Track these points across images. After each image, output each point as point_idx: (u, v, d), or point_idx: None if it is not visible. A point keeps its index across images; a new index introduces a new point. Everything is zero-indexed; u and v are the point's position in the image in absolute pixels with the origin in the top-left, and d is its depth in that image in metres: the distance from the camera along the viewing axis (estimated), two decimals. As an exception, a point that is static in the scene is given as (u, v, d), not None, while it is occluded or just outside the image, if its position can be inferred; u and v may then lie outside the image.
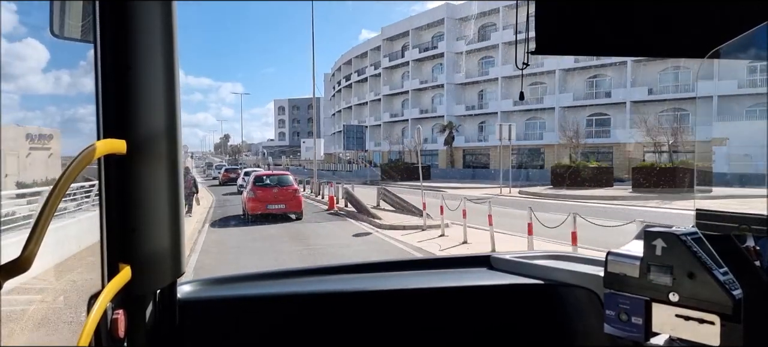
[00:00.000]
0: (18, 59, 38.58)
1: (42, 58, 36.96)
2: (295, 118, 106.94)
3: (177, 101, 1.05)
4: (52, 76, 34.02)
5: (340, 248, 11.69)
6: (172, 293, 1.14)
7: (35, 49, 35.73)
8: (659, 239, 1.03)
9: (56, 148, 18.95)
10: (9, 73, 20.91)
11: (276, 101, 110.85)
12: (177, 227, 1.06)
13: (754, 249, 1.08)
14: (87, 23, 1.06)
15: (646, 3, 1.23)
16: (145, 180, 1.00)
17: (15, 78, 36.91)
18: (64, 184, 0.80)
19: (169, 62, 1.02)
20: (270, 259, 10.51)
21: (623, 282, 1.08)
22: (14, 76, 36.44)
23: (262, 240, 12.96)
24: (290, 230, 14.64)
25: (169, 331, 1.12)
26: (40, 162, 17.84)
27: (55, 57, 31.38)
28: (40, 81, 34.73)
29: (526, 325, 1.46)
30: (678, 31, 1.25)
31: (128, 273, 0.98)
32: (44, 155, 18.71)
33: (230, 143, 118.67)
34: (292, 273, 1.57)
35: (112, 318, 0.96)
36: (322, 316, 1.37)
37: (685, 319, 0.99)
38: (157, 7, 1.00)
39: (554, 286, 1.46)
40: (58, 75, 36.82)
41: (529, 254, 1.70)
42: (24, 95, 30.78)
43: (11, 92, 28.90)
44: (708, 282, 0.96)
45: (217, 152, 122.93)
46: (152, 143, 1.00)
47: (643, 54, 1.69)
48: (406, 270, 1.68)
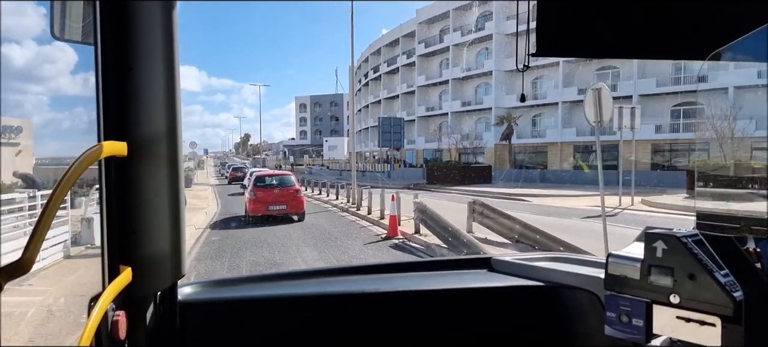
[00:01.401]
0: (48, 62, 39.74)
1: (70, 61, 39.53)
2: (317, 116, 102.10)
3: (178, 102, 1.05)
4: (80, 79, 33.57)
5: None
6: (172, 294, 1.13)
7: (64, 51, 36.21)
8: (660, 241, 1.03)
9: (27, 143, 15.25)
10: (39, 75, 20.89)
11: (297, 99, 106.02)
12: (178, 229, 1.06)
13: (755, 251, 1.08)
14: (87, 25, 1.04)
15: (648, 4, 1.21)
16: (146, 182, 1.00)
17: (45, 80, 38.19)
18: (65, 186, 0.80)
19: (170, 63, 1.02)
20: None
21: (624, 283, 1.08)
22: (45, 79, 37.00)
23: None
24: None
25: (169, 333, 1.12)
26: (6, 160, 13.93)
27: (82, 60, 31.60)
28: (69, 83, 36.29)
29: (526, 327, 1.47)
30: (679, 32, 1.23)
31: (129, 275, 0.98)
32: (10, 152, 14.47)
33: (250, 143, 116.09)
34: (293, 275, 1.58)
35: (112, 319, 0.95)
36: (322, 318, 1.37)
37: (685, 321, 0.99)
38: (158, 9, 1.00)
39: (555, 288, 1.46)
40: (86, 77, 37.34)
41: (530, 256, 1.70)
42: (53, 96, 33.20)
43: (41, 93, 31.06)
44: (709, 284, 0.97)
45: (237, 152, 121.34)
46: (153, 145, 1.00)
47: (644, 56, 1.46)
48: (407, 271, 1.67)
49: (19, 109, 28.83)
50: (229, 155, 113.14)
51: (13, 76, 21.85)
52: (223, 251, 10.68)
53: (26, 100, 30.60)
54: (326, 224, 15.19)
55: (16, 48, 28.09)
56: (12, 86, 27.51)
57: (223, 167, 63.30)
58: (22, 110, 27.84)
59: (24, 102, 26.03)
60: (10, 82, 20.71)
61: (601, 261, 1.31)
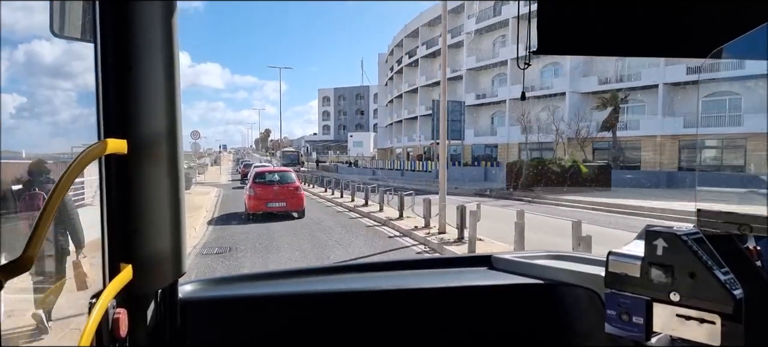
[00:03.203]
0: (77, 59, 38.29)
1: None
2: (341, 109, 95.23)
3: (178, 100, 1.05)
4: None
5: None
6: (173, 292, 1.13)
7: (90, 48, 41.38)
8: (660, 239, 1.03)
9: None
10: (69, 72, 18.37)
11: (320, 91, 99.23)
12: (178, 227, 1.06)
13: (755, 249, 1.08)
14: (87, 22, 1.03)
15: (650, 2, 1.21)
16: (146, 180, 1.00)
17: (74, 76, 40.44)
18: (65, 184, 0.80)
19: (170, 62, 1.02)
20: None
21: (624, 281, 1.08)
22: (73, 75, 39.09)
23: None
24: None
25: (170, 331, 1.12)
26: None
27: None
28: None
29: (526, 325, 1.46)
30: (681, 30, 1.22)
31: (130, 273, 0.98)
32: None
33: (270, 139, 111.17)
34: (293, 273, 1.56)
35: (113, 317, 0.96)
36: (323, 315, 1.36)
37: (685, 319, 0.99)
38: (158, 7, 1.00)
39: (555, 286, 1.45)
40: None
41: (530, 254, 1.68)
42: (81, 92, 32.16)
43: (70, 89, 28.22)
44: (709, 282, 0.97)
45: (257, 148, 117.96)
46: (153, 143, 1.00)
47: (646, 54, 1.45)
48: (407, 269, 1.67)
49: (50, 104, 29.72)
50: (249, 152, 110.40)
51: (43, 72, 21.70)
52: None
53: (55, 96, 31.52)
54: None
55: (47, 45, 30.84)
56: (43, 82, 26.30)
57: (237, 164, 61.14)
58: (53, 106, 29.03)
59: (53, 97, 24.98)
60: (40, 78, 20.93)
61: (601, 259, 1.30)
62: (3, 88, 8.24)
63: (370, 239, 11.61)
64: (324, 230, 13.00)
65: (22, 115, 44.53)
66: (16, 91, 34.65)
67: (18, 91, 34.09)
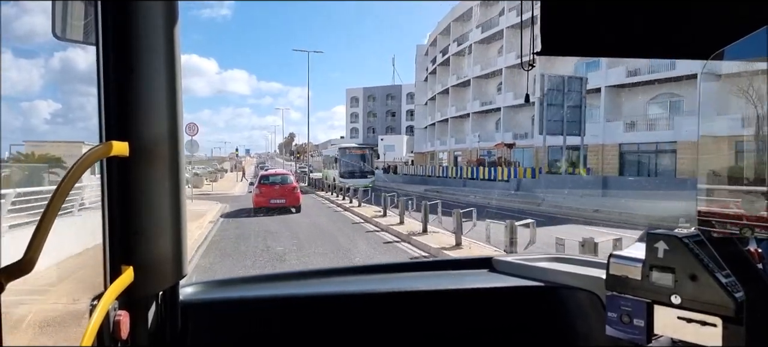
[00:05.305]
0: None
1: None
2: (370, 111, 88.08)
3: (179, 103, 1.05)
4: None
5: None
6: (174, 294, 1.14)
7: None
8: (661, 242, 1.03)
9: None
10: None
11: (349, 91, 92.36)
12: (179, 229, 1.06)
13: (756, 251, 1.08)
14: (89, 24, 1.04)
15: (652, 3, 1.21)
16: (148, 182, 1.00)
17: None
18: (67, 185, 0.81)
19: (172, 64, 1.02)
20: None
21: (625, 284, 1.08)
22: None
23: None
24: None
25: (171, 333, 1.13)
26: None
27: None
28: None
29: (527, 327, 1.46)
30: (683, 32, 1.22)
31: (131, 275, 0.99)
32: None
33: (295, 143, 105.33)
34: (295, 275, 1.56)
35: (114, 319, 0.96)
36: (324, 318, 1.37)
37: (687, 321, 0.99)
38: (160, 9, 1.00)
39: (556, 288, 1.45)
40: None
41: (531, 257, 1.67)
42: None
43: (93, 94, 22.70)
44: (710, 284, 0.97)
45: (281, 153, 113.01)
46: (155, 146, 1.00)
47: (648, 55, 1.45)
48: (408, 271, 1.66)
49: (82, 110, 29.18)
50: (273, 157, 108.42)
51: (77, 78, 23.66)
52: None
53: (88, 102, 30.83)
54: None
55: (81, 53, 26.66)
56: (77, 89, 28.17)
57: (256, 169, 57.98)
58: (85, 112, 29.18)
59: (86, 104, 24.75)
60: (74, 85, 21.55)
61: (602, 261, 1.31)
62: (39, 94, 9.85)
63: None
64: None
65: (57, 120, 39.40)
66: (52, 98, 31.15)
67: (53, 98, 29.98)
